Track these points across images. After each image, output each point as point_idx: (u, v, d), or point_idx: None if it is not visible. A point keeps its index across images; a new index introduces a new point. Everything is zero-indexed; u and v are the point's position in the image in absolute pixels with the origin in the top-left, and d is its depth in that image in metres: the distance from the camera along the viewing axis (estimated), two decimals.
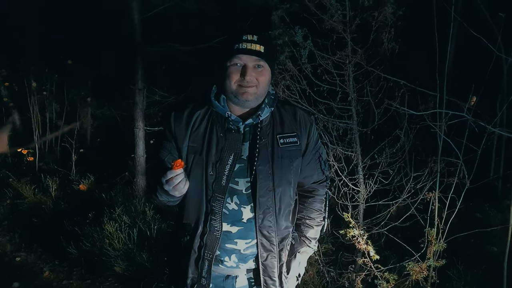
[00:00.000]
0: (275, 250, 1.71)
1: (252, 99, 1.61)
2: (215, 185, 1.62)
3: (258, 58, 1.57)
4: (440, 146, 2.77)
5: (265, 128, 1.67)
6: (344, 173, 3.16)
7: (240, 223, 1.67)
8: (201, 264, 1.68)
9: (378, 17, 2.78)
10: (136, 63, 4.84)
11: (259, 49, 1.56)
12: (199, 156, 1.63)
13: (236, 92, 1.60)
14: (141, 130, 5.02)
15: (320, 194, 1.88)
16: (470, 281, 3.38)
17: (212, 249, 1.66)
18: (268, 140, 1.66)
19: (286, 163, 1.68)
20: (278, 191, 1.67)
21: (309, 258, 3.38)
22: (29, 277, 3.80)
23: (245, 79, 1.57)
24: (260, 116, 1.65)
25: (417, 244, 2.90)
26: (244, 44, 1.55)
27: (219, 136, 1.63)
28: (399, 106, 2.68)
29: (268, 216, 1.66)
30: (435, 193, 2.84)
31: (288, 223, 1.76)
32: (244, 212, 1.66)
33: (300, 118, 1.75)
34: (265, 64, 1.60)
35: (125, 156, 5.81)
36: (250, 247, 1.71)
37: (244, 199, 1.66)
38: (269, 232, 1.68)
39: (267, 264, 1.72)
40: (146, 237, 4.09)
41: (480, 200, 4.63)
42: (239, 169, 1.64)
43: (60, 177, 5.60)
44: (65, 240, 4.07)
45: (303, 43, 2.90)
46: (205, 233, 1.65)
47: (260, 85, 1.60)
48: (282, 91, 3.05)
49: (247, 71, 1.57)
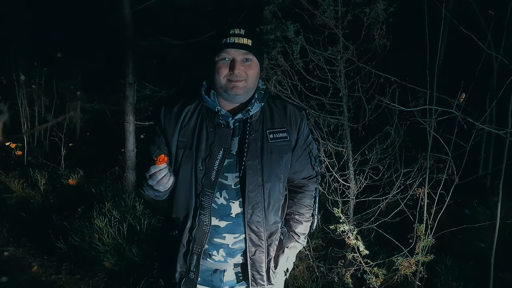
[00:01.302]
0: (264, 245, 1.72)
1: (241, 93, 1.62)
2: (205, 180, 1.62)
3: (246, 51, 1.58)
4: (429, 142, 2.79)
5: (255, 123, 1.67)
6: (335, 169, 3.17)
7: (228, 217, 1.68)
8: (189, 258, 1.69)
9: (369, 14, 2.79)
10: (126, 57, 4.81)
11: (247, 42, 1.57)
12: (188, 150, 1.63)
13: (225, 87, 1.60)
14: (131, 125, 5.00)
15: (310, 189, 1.88)
16: (458, 276, 3.42)
17: (200, 243, 1.67)
18: (257, 135, 1.67)
19: (275, 158, 1.69)
20: (267, 186, 1.67)
21: (299, 253, 3.41)
22: (17, 272, 3.77)
23: (234, 73, 1.57)
24: (250, 111, 1.65)
25: (406, 240, 2.92)
26: (232, 38, 1.56)
27: (209, 131, 1.63)
28: (389, 102, 2.68)
29: (257, 211, 1.67)
30: (424, 189, 2.86)
31: (277, 218, 1.77)
32: (232, 207, 1.67)
33: (290, 113, 1.75)
34: (253, 57, 1.60)
35: (115, 150, 5.78)
36: (239, 241, 1.71)
37: (233, 194, 1.66)
38: (257, 227, 1.69)
39: (255, 258, 1.72)
40: (136, 232, 4.08)
41: (468, 196, 4.68)
42: (228, 164, 1.64)
43: (49, 172, 5.56)
44: (54, 235, 4.04)
45: (295, 38, 2.90)
46: (194, 228, 1.66)
47: (249, 78, 1.61)
48: (273, 86, 3.05)
49: (236, 65, 1.57)
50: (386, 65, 3.03)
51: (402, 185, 3.11)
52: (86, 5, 6.14)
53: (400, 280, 2.95)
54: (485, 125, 2.48)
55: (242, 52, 1.57)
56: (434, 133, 2.67)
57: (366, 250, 2.80)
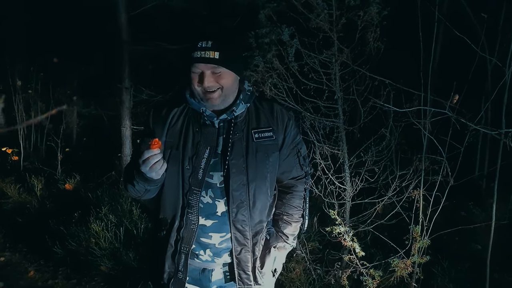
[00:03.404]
0: (249, 244, 1.74)
1: (218, 103, 1.64)
2: (192, 179, 1.65)
3: (213, 65, 1.58)
4: (424, 144, 2.81)
5: (240, 123, 1.70)
6: (331, 171, 3.19)
7: (214, 216, 1.70)
8: (177, 257, 1.71)
9: (363, 17, 2.81)
10: (123, 62, 4.82)
11: (213, 55, 1.57)
12: (175, 150, 1.66)
13: (202, 96, 1.63)
14: (128, 129, 5.00)
15: (299, 190, 1.89)
16: (454, 277, 3.43)
17: (188, 242, 1.69)
18: (242, 134, 1.69)
19: (261, 158, 1.70)
20: (253, 185, 1.69)
21: (296, 256, 3.42)
22: (14, 277, 3.76)
23: (203, 85, 1.59)
24: (235, 112, 1.68)
25: (402, 242, 2.93)
26: (198, 53, 1.57)
27: (195, 131, 1.67)
28: (383, 103, 2.70)
29: (241, 210, 1.68)
30: (420, 190, 2.87)
31: (263, 217, 1.78)
32: (218, 205, 1.69)
33: (277, 113, 1.77)
34: (223, 69, 1.60)
35: (112, 155, 5.78)
36: (225, 241, 1.73)
37: (218, 192, 1.69)
38: (242, 226, 1.70)
39: (240, 258, 1.74)
40: (133, 236, 4.07)
41: (464, 198, 4.70)
42: (214, 163, 1.67)
43: (45, 177, 5.55)
44: (50, 240, 4.03)
45: (290, 41, 2.92)
46: (181, 227, 1.68)
47: (224, 86, 1.62)
48: (269, 89, 3.06)
49: (204, 79, 1.59)
50: (380, 68, 3.05)
51: (398, 187, 3.12)
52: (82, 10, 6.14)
53: (397, 281, 2.96)
54: (478, 126, 2.50)
55: (210, 66, 1.58)
56: (428, 134, 2.69)
57: (363, 252, 2.81)
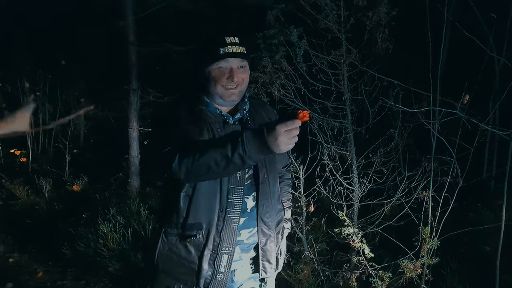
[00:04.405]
0: (273, 234, 1.81)
1: (236, 98, 1.69)
2: (231, 179, 1.66)
3: (242, 59, 1.64)
4: (433, 145, 2.80)
5: (250, 120, 1.76)
6: (339, 172, 3.18)
7: (245, 213, 1.73)
8: (217, 260, 1.68)
9: (372, 17, 2.81)
10: (130, 63, 4.83)
11: (242, 50, 1.63)
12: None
13: (221, 94, 1.65)
14: (135, 131, 5.01)
15: (288, 177, 2.08)
16: (463, 279, 3.40)
17: (230, 242, 1.69)
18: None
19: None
20: (271, 177, 1.78)
21: (304, 257, 3.41)
22: (23, 278, 3.78)
23: (233, 81, 1.62)
24: (245, 110, 1.74)
25: (411, 244, 2.92)
26: (229, 48, 1.60)
27: (218, 131, 1.68)
28: (393, 103, 2.70)
29: (267, 202, 1.76)
30: (428, 192, 2.86)
31: (280, 205, 1.88)
32: (247, 202, 1.73)
33: (268, 109, 1.91)
34: (247, 64, 1.68)
35: (119, 156, 5.79)
36: (252, 236, 1.77)
37: (246, 189, 1.71)
38: (268, 217, 1.77)
39: (266, 249, 1.80)
40: (141, 237, 4.08)
41: (473, 199, 4.67)
42: None
43: (53, 178, 5.58)
44: (59, 241, 4.05)
45: (298, 42, 2.92)
46: (220, 229, 1.66)
47: (244, 82, 1.68)
48: (277, 90, 3.07)
49: (234, 74, 1.62)
50: (389, 68, 3.05)
51: (406, 188, 3.11)
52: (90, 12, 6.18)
53: (406, 283, 2.94)
54: (489, 126, 2.48)
55: (238, 60, 1.63)
56: (438, 135, 2.67)
57: (372, 253, 2.80)
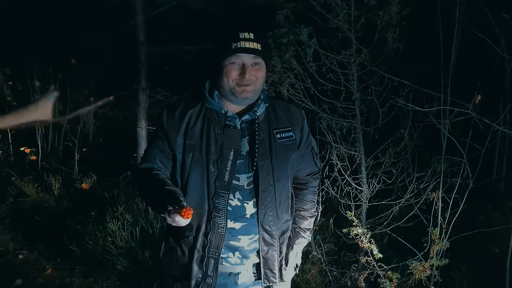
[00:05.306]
0: (276, 244, 1.74)
1: (250, 96, 1.64)
2: (218, 182, 1.63)
3: (256, 56, 1.59)
4: (444, 145, 2.78)
5: (262, 123, 1.70)
6: (347, 172, 3.17)
7: (243, 219, 1.68)
8: (206, 262, 1.68)
9: (383, 17, 2.79)
10: (139, 63, 4.84)
11: (256, 47, 1.58)
12: (198, 153, 1.63)
13: (233, 91, 1.61)
14: (143, 130, 5.03)
15: (313, 186, 1.92)
16: (472, 281, 3.38)
17: (217, 246, 1.66)
18: (265, 135, 1.69)
19: (283, 158, 1.71)
20: (278, 185, 1.70)
21: (312, 257, 3.40)
22: (32, 275, 3.80)
23: (244, 78, 1.58)
24: (257, 111, 1.68)
25: (420, 245, 2.90)
26: (242, 43, 1.57)
27: (217, 133, 1.64)
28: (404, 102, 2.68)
29: (269, 210, 1.68)
30: (438, 192, 2.84)
31: (288, 216, 1.79)
32: (247, 207, 1.68)
33: (293, 113, 1.79)
34: (262, 61, 1.62)
35: (127, 155, 5.81)
36: (253, 242, 1.72)
37: (246, 194, 1.67)
38: (270, 226, 1.70)
39: (267, 257, 1.74)
40: (149, 236, 4.10)
41: (482, 201, 4.63)
42: (240, 165, 1.65)
43: (62, 176, 5.61)
44: (67, 238, 4.07)
45: (308, 42, 2.91)
46: (208, 232, 1.65)
47: (258, 81, 1.62)
48: (286, 90, 3.06)
49: (247, 70, 1.58)
50: (399, 68, 3.03)
51: (416, 189, 3.09)
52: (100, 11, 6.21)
53: (414, 284, 2.93)
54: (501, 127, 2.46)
55: (252, 56, 1.59)
56: (448, 135, 2.66)
57: (380, 253, 2.79)
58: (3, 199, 5.25)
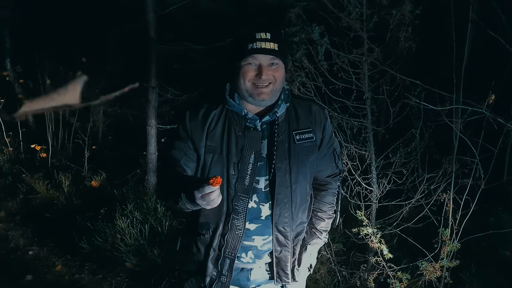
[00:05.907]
0: (290, 245, 1.73)
1: (267, 98, 1.61)
2: (238, 185, 1.61)
3: (273, 56, 1.57)
4: (455, 145, 2.76)
5: (282, 124, 1.67)
6: (357, 172, 3.16)
7: (258, 220, 1.68)
8: (221, 262, 1.68)
9: (396, 16, 2.78)
10: (150, 61, 4.87)
11: (273, 47, 1.55)
12: (218, 155, 1.62)
13: (251, 92, 1.59)
14: (153, 128, 5.05)
15: (333, 187, 1.89)
16: (483, 283, 3.35)
17: (234, 247, 1.66)
18: (284, 136, 1.67)
19: (302, 159, 1.69)
20: (295, 187, 1.68)
21: (321, 257, 3.39)
22: (41, 271, 3.83)
23: (261, 78, 1.56)
24: (277, 112, 1.65)
25: (430, 246, 2.88)
26: (258, 44, 1.54)
27: (237, 135, 1.62)
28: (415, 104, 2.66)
29: (284, 212, 1.67)
30: (449, 193, 2.82)
31: (303, 218, 1.77)
32: (263, 209, 1.67)
33: (315, 113, 1.75)
34: (280, 61, 1.59)
35: (137, 154, 5.84)
36: (267, 243, 1.72)
37: (263, 197, 1.66)
38: (284, 228, 1.69)
39: (280, 257, 1.73)
40: (158, 233, 4.11)
41: (493, 203, 4.59)
42: (259, 168, 1.64)
43: (72, 174, 5.64)
44: (77, 235, 4.10)
45: (320, 40, 2.91)
46: (226, 232, 1.65)
47: (276, 81, 1.60)
48: (297, 88, 3.06)
49: (263, 71, 1.56)
50: (411, 68, 3.01)
51: (426, 189, 3.07)
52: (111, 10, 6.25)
53: (424, 285, 2.91)
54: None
55: (269, 57, 1.56)
56: (461, 135, 2.64)
57: (390, 254, 2.77)
58: (13, 196, 5.29)
